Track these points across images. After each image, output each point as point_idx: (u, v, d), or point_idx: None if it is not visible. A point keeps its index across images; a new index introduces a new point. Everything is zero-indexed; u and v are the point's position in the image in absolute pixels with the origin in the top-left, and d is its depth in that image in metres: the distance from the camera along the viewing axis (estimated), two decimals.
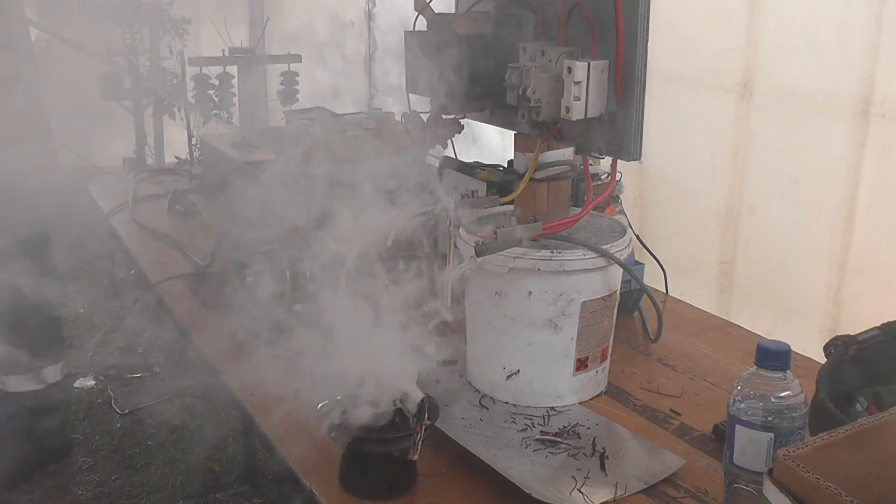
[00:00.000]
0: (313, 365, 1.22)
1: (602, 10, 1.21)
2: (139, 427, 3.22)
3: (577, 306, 1.33)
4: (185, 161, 4.46)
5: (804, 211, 2.25)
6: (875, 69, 2.01)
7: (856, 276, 2.14)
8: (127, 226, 2.32)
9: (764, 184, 2.37)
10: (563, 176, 1.40)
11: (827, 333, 2.16)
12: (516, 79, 1.31)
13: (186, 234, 2.19)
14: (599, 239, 1.38)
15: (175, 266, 1.98)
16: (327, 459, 1.20)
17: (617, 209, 1.80)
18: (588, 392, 1.41)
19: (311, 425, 1.22)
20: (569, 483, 1.17)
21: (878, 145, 2.04)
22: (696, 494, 1.16)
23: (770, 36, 2.28)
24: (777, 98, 2.29)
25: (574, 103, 1.22)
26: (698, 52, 2.49)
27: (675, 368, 1.54)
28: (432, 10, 1.41)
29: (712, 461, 1.24)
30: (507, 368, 1.38)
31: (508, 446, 1.26)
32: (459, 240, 1.39)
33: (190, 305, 1.80)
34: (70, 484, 2.88)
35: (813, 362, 1.49)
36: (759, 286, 2.42)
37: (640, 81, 1.21)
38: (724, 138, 2.44)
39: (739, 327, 1.73)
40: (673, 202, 2.68)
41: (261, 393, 1.42)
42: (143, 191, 2.61)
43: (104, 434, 3.17)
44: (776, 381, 1.04)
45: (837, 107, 2.11)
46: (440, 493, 1.17)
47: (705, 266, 2.55)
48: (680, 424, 1.35)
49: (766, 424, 1.03)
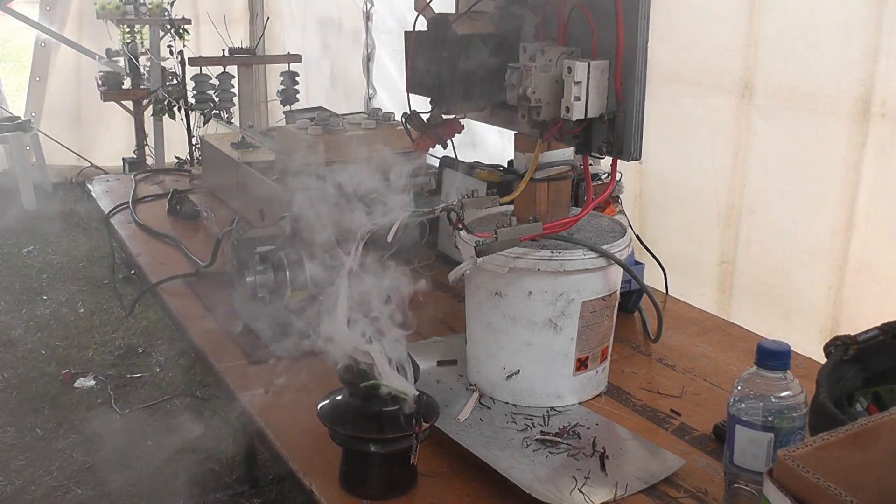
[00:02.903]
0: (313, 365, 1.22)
1: (602, 10, 1.21)
2: (139, 427, 3.23)
3: (577, 306, 1.33)
4: (185, 161, 4.47)
5: (804, 211, 2.25)
6: (875, 69, 2.01)
7: (856, 276, 2.14)
8: (127, 226, 2.32)
9: (764, 184, 2.37)
10: (563, 176, 1.40)
11: (827, 333, 2.16)
12: (516, 79, 1.31)
13: (186, 234, 2.19)
14: (599, 239, 1.38)
15: (175, 266, 1.98)
16: (327, 459, 1.21)
17: (617, 209, 1.80)
18: (588, 392, 1.41)
19: (312, 425, 1.23)
20: (569, 483, 1.17)
21: (878, 145, 2.04)
22: (696, 494, 1.16)
23: (770, 36, 2.28)
24: (777, 98, 2.29)
25: (574, 103, 1.22)
26: (698, 52, 2.49)
27: (675, 368, 1.54)
28: (432, 10, 1.41)
29: (712, 461, 1.24)
30: (507, 368, 1.38)
31: (508, 446, 1.26)
32: (459, 240, 1.39)
33: (190, 305, 1.80)
34: (70, 484, 2.88)
35: (813, 362, 1.49)
36: (759, 286, 2.42)
37: (640, 81, 1.21)
38: (724, 138, 2.44)
39: (739, 327, 1.73)
40: (673, 202, 2.68)
41: (261, 393, 1.42)
42: (143, 191, 2.61)
43: (104, 434, 3.17)
44: (776, 381, 1.04)
45: (837, 107, 2.11)
46: (440, 493, 1.17)
47: (705, 266, 2.55)
48: (680, 424, 1.35)
49: (766, 424, 1.03)
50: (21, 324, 4.12)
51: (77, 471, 2.96)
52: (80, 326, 4.09)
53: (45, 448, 3.09)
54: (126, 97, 5.38)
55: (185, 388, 3.51)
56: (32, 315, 4.22)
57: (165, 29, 5.11)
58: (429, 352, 1.54)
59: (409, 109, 1.46)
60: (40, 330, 4.06)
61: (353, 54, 4.89)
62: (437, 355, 1.54)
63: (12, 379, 3.60)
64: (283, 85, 2.89)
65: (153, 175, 2.83)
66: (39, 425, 3.24)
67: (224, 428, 3.19)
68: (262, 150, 2.48)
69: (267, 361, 1.52)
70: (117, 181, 2.78)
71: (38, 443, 3.13)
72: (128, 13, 5.08)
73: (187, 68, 3.58)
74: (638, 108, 1.21)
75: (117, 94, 5.35)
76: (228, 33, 3.73)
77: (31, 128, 6.06)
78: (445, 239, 2.02)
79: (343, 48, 5.09)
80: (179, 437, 3.15)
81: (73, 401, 3.41)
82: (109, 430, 3.19)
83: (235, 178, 2.34)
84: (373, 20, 4.69)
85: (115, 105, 5.51)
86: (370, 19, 4.70)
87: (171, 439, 3.14)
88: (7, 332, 4.02)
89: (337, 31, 5.21)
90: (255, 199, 2.19)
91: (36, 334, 4.01)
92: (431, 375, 1.46)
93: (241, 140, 2.56)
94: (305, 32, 5.68)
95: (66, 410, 3.35)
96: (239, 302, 1.71)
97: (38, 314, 4.24)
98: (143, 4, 5.09)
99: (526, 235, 1.30)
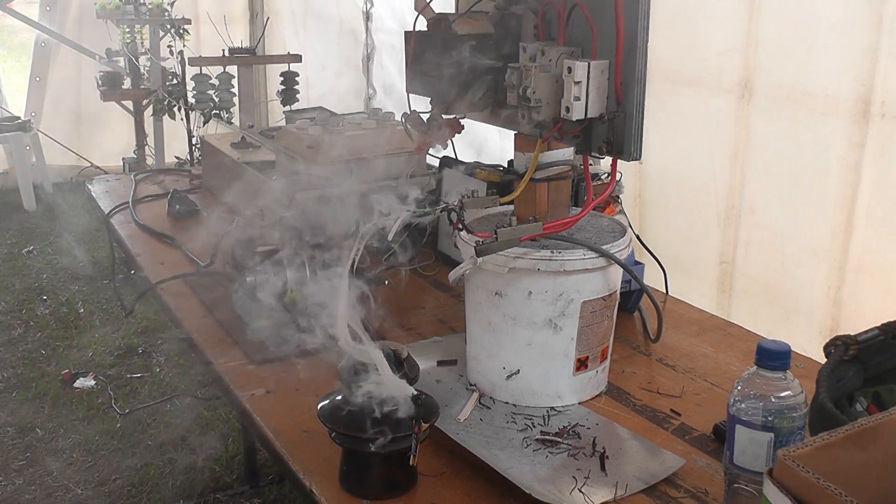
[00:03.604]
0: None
1: (602, 10, 1.21)
2: (139, 427, 3.23)
3: (577, 306, 1.33)
4: (185, 161, 4.47)
5: (804, 211, 2.25)
6: (875, 69, 2.01)
7: (856, 276, 2.14)
8: (127, 226, 2.32)
9: (764, 184, 2.37)
10: (563, 176, 1.40)
11: (827, 333, 2.16)
12: (516, 79, 1.31)
13: (186, 234, 2.19)
14: (599, 239, 1.38)
15: (175, 266, 1.98)
16: (327, 459, 1.21)
17: (617, 209, 1.80)
18: (588, 392, 1.41)
19: (312, 425, 1.23)
20: (569, 483, 1.17)
21: (878, 145, 2.04)
22: (696, 494, 1.17)
23: (770, 36, 2.28)
24: (777, 98, 2.29)
25: (574, 103, 1.22)
26: (698, 52, 2.49)
27: (675, 368, 1.54)
28: (432, 10, 1.41)
29: (712, 461, 1.24)
30: (507, 368, 1.38)
31: (508, 446, 1.26)
32: (459, 240, 1.39)
33: (190, 305, 1.80)
34: (70, 484, 2.88)
35: (813, 362, 1.49)
36: (759, 286, 2.42)
37: (640, 81, 1.21)
38: (723, 138, 2.44)
39: (739, 327, 1.73)
40: (673, 202, 2.68)
41: (261, 393, 1.42)
42: (143, 191, 2.61)
43: (104, 434, 3.17)
44: (776, 381, 1.04)
45: (837, 107, 2.11)
46: (440, 493, 1.17)
47: (705, 266, 2.55)
48: (680, 424, 1.35)
49: (766, 424, 1.03)
50: (21, 324, 4.12)
51: (77, 471, 2.96)
52: (80, 326, 4.09)
53: (45, 448, 3.09)
54: (126, 97, 5.38)
55: (185, 388, 3.51)
56: (32, 315, 4.22)
57: (165, 29, 5.11)
58: (429, 352, 1.54)
59: (409, 109, 1.46)
60: (40, 330, 4.06)
61: (353, 54, 4.89)
62: (437, 355, 1.54)
63: (12, 379, 3.60)
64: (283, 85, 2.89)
65: (153, 175, 2.83)
66: (39, 425, 3.24)
67: (224, 428, 3.19)
68: (262, 150, 2.48)
69: (267, 361, 1.52)
70: (117, 181, 2.78)
71: (38, 443, 3.13)
72: (128, 13, 5.07)
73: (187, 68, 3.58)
74: (638, 108, 1.22)
75: (117, 94, 5.35)
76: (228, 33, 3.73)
77: (31, 128, 6.06)
78: (445, 239, 2.02)
79: (343, 48, 5.09)
80: (179, 438, 3.15)
81: (73, 401, 3.41)
82: (109, 430, 3.19)
83: (235, 178, 2.34)
84: (373, 20, 4.69)
85: (115, 105, 5.50)
86: (370, 19, 4.70)
87: (171, 439, 3.14)
88: (7, 332, 4.02)
89: (337, 31, 5.21)
90: (255, 199, 2.19)
91: (36, 334, 4.01)
92: (431, 375, 1.46)
93: (241, 140, 2.56)
94: (305, 32, 5.68)
95: (66, 410, 3.35)
96: (239, 302, 1.71)
97: (38, 314, 4.24)
98: (143, 4, 5.09)
99: (526, 235, 1.30)
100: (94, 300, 4.39)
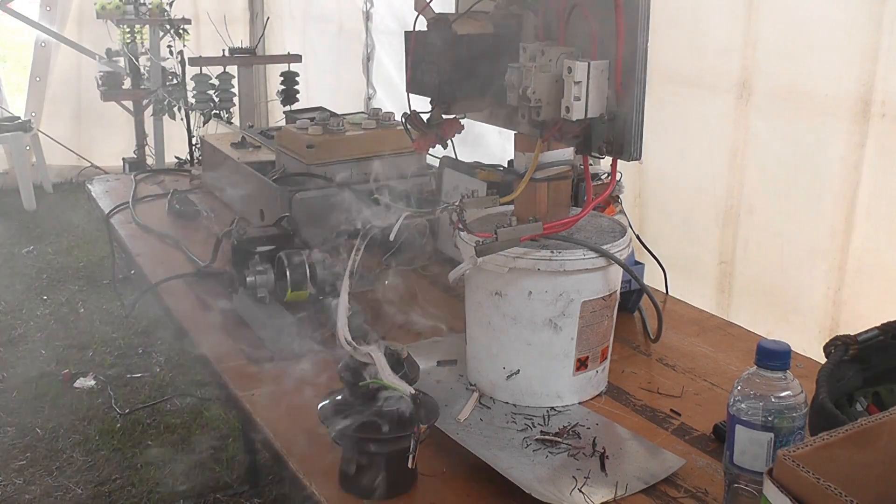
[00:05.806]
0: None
1: (602, 10, 1.21)
2: (139, 427, 3.23)
3: (577, 306, 1.33)
4: (185, 161, 4.47)
5: (803, 211, 2.25)
6: (875, 69, 2.01)
7: (856, 276, 2.14)
8: (127, 226, 2.32)
9: (763, 184, 2.37)
10: (563, 176, 1.39)
11: (827, 333, 2.16)
12: (516, 79, 1.31)
13: (186, 234, 2.19)
14: (599, 239, 1.38)
15: (175, 266, 1.98)
16: (327, 459, 1.20)
17: (617, 209, 1.80)
18: (588, 392, 1.41)
19: (312, 425, 1.23)
20: (569, 483, 1.17)
21: (878, 145, 2.04)
22: (696, 494, 1.17)
23: (769, 36, 2.28)
24: (776, 98, 2.29)
25: (574, 103, 1.22)
26: (697, 53, 2.50)
27: (675, 368, 1.54)
28: (432, 10, 1.41)
29: (712, 461, 1.24)
30: (507, 368, 1.38)
31: (508, 446, 1.26)
32: (459, 240, 1.39)
33: (190, 305, 1.79)
34: (70, 484, 2.88)
35: (813, 362, 1.49)
36: (759, 286, 2.42)
37: (640, 81, 1.21)
38: (723, 138, 2.44)
39: (739, 327, 1.73)
40: (673, 202, 2.68)
41: (261, 393, 1.42)
42: (143, 191, 2.61)
43: (104, 434, 3.18)
44: (776, 381, 1.04)
45: (837, 107, 2.11)
46: (440, 493, 1.17)
47: (705, 266, 2.55)
48: (680, 424, 1.35)
49: (766, 424, 1.03)
50: (21, 324, 4.12)
51: (77, 471, 2.96)
52: (80, 326, 4.09)
53: (45, 448, 3.10)
54: (126, 97, 5.38)
55: (185, 388, 3.52)
56: (32, 315, 4.22)
57: (165, 29, 5.11)
58: (429, 352, 1.54)
59: (409, 109, 1.46)
60: (40, 330, 4.06)
61: (354, 54, 4.90)
62: (437, 355, 1.54)
63: (12, 379, 3.60)
64: (283, 85, 2.90)
65: (153, 175, 2.83)
66: (39, 425, 3.24)
67: (224, 428, 3.19)
68: (262, 150, 2.48)
69: (267, 361, 1.52)
70: (117, 181, 2.77)
71: (38, 443, 3.13)
72: (128, 13, 5.08)
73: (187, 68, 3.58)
74: (638, 108, 1.21)
75: (117, 94, 5.35)
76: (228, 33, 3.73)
77: (31, 128, 6.06)
78: (445, 239, 2.02)
79: (343, 48, 5.10)
80: (179, 438, 3.15)
81: (73, 401, 3.42)
82: (109, 430, 3.20)
83: (235, 178, 2.34)
84: (373, 20, 4.69)
85: (115, 105, 5.50)
86: (370, 19, 4.71)
87: (171, 439, 3.14)
88: (7, 332, 4.02)
89: (337, 31, 5.21)
90: (255, 199, 2.19)
91: (36, 334, 4.01)
92: (431, 375, 1.46)
93: (241, 140, 2.56)
94: (305, 32, 5.68)
95: (66, 410, 3.35)
96: (239, 302, 1.71)
97: (38, 314, 4.24)
98: (143, 4, 5.09)
99: (526, 235, 1.30)
100: (94, 300, 4.39)
